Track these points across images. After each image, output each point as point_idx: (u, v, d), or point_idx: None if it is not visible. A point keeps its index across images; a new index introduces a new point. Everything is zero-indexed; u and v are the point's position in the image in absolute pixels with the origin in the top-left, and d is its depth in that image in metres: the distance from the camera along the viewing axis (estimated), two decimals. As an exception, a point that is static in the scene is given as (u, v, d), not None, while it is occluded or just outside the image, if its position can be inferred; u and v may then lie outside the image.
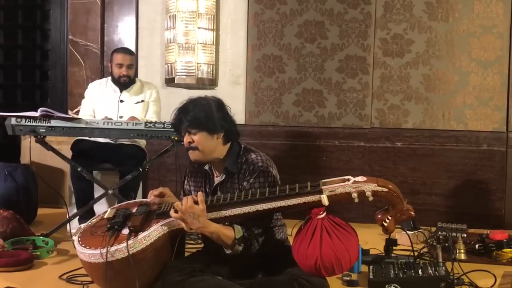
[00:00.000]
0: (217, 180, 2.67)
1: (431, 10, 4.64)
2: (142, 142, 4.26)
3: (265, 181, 2.55)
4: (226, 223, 2.52)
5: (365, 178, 2.41)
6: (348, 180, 2.41)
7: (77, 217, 3.88)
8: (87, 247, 2.53)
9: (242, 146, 2.71)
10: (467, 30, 4.60)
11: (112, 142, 4.10)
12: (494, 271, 2.91)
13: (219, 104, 2.64)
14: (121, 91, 4.27)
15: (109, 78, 4.36)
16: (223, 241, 2.47)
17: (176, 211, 2.43)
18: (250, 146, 2.74)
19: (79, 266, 2.97)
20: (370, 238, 3.71)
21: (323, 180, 2.46)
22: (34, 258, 3.20)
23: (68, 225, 3.80)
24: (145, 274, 2.53)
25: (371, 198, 2.38)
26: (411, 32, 4.68)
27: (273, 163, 2.67)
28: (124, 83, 4.25)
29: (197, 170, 2.78)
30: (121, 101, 4.24)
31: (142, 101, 4.29)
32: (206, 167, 2.72)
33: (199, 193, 2.44)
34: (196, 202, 2.41)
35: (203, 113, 2.54)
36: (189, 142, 2.58)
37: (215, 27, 4.98)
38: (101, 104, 4.25)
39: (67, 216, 3.82)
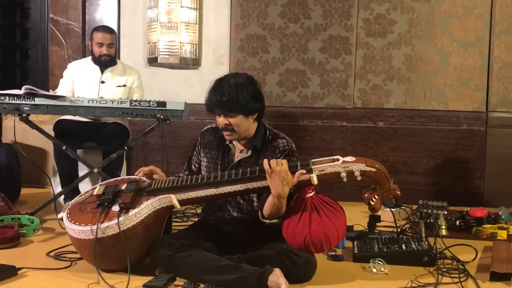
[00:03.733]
0: (240, 155, 2.69)
1: (414, -10, 4.69)
2: (124, 120, 4.23)
3: (293, 160, 2.63)
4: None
5: (353, 158, 2.46)
6: (338, 160, 2.46)
7: (62, 196, 3.87)
8: (77, 223, 2.54)
9: (266, 125, 2.75)
10: (448, 10, 4.64)
11: (92, 121, 4.08)
12: (475, 246, 2.98)
13: (251, 83, 2.63)
14: (102, 72, 4.21)
15: (89, 58, 4.29)
16: (280, 211, 2.49)
17: (269, 166, 2.40)
18: (271, 127, 2.78)
19: (66, 243, 3.00)
20: (353, 215, 3.77)
21: (312, 160, 2.50)
22: (20, 236, 3.20)
23: (53, 203, 3.79)
24: (134, 251, 2.55)
25: (359, 178, 2.44)
26: (394, 12, 4.71)
27: None
28: (105, 62, 4.18)
29: (213, 143, 2.79)
30: (102, 82, 4.18)
31: (124, 85, 4.23)
32: (228, 142, 2.73)
33: (303, 170, 2.42)
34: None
35: (240, 97, 2.54)
36: (226, 124, 2.59)
37: (198, 6, 4.95)
38: (81, 85, 4.19)
39: (52, 195, 3.82)
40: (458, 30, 4.64)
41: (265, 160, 2.41)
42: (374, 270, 2.72)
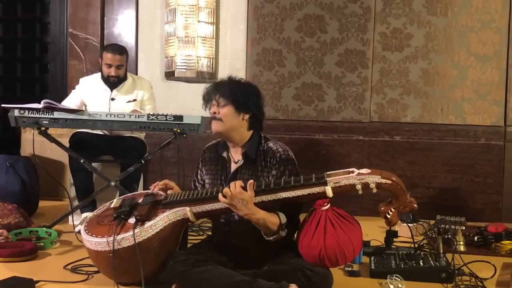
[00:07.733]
0: (235, 166, 2.70)
1: (430, 4, 4.67)
2: (141, 134, 4.26)
3: (293, 168, 2.61)
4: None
5: (369, 171, 2.43)
6: (353, 172, 2.44)
7: (79, 209, 3.89)
8: (94, 235, 2.56)
9: (262, 135, 2.75)
10: (465, 24, 4.63)
11: (108, 134, 4.11)
12: (493, 262, 2.94)
13: (256, 90, 2.72)
14: (111, 90, 4.21)
15: (100, 74, 4.27)
16: (268, 227, 2.48)
17: (224, 196, 2.43)
18: (268, 136, 2.78)
19: (83, 256, 3.02)
20: (370, 230, 3.74)
21: (327, 172, 2.48)
22: (38, 248, 3.22)
23: (70, 216, 3.82)
24: (150, 263, 2.55)
25: (375, 190, 2.40)
26: (410, 26, 4.71)
27: None
28: (113, 82, 4.18)
29: (214, 158, 2.80)
30: (112, 99, 4.19)
31: (135, 100, 4.24)
32: (224, 154, 2.74)
33: (250, 181, 2.44)
34: (244, 188, 2.41)
35: (239, 91, 2.63)
36: (214, 113, 2.64)
37: (215, 21, 5.00)
38: (92, 101, 4.20)
39: (69, 208, 3.84)
40: (475, 44, 4.62)
41: (220, 195, 2.44)
42: (391, 286, 2.70)
